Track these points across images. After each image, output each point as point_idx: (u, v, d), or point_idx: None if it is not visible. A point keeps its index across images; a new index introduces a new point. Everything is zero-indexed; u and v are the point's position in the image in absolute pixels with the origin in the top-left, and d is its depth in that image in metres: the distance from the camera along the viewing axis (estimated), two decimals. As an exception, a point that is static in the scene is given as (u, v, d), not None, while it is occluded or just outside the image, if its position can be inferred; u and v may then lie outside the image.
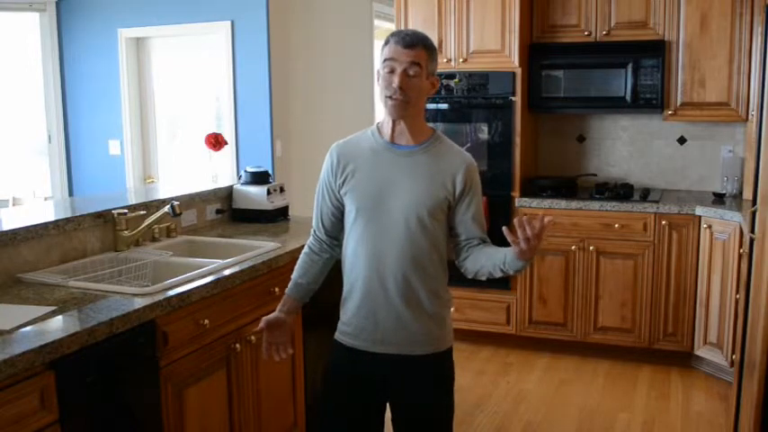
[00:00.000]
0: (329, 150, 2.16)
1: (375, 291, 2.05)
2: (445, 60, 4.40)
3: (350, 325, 2.12)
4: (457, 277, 2.21)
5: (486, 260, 2.10)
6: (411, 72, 1.99)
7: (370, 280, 2.06)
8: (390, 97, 2.00)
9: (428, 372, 2.11)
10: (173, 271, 2.59)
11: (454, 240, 2.16)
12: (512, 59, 4.26)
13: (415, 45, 2.00)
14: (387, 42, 2.04)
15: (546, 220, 1.89)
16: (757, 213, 2.54)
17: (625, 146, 4.73)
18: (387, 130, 2.09)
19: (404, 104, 2.01)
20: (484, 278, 2.15)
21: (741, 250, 3.57)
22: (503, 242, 2.06)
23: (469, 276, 2.16)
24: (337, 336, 2.16)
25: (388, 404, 2.17)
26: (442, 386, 2.14)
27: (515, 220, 1.93)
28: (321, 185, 2.19)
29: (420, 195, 2.03)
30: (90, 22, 5.49)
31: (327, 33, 5.65)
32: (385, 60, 2.02)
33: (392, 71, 1.99)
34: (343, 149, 2.13)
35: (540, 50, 4.40)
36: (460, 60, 4.37)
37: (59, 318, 2.05)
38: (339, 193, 2.12)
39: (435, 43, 2.19)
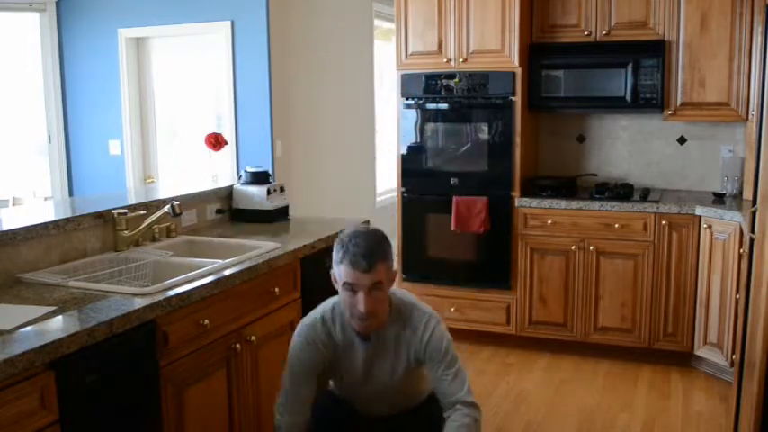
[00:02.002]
0: (305, 325, 2.24)
1: (366, 408, 2.34)
2: (445, 60, 4.40)
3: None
4: (456, 276, 2.26)
5: None
6: (375, 292, 2.04)
7: (360, 406, 2.35)
8: (357, 318, 2.08)
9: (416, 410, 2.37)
10: (173, 271, 2.59)
11: None
12: (512, 59, 4.26)
13: (374, 266, 2.01)
14: (341, 261, 2.04)
15: None
16: (757, 213, 2.53)
17: (625, 146, 4.73)
18: (354, 325, 2.17)
19: (373, 320, 2.10)
20: None
21: (741, 250, 3.57)
22: (503, 242, 2.09)
23: None
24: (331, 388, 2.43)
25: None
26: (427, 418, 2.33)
27: None
28: (297, 370, 2.23)
29: (394, 372, 2.22)
30: (90, 22, 5.49)
31: (327, 33, 5.65)
32: (344, 283, 2.05)
33: (354, 292, 2.04)
34: (321, 332, 2.21)
35: (540, 50, 4.40)
36: (460, 60, 4.37)
37: (59, 318, 2.05)
38: (317, 366, 2.23)
39: (435, 45, 2.21)
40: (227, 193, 3.62)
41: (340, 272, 2.06)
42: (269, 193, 3.57)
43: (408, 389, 2.32)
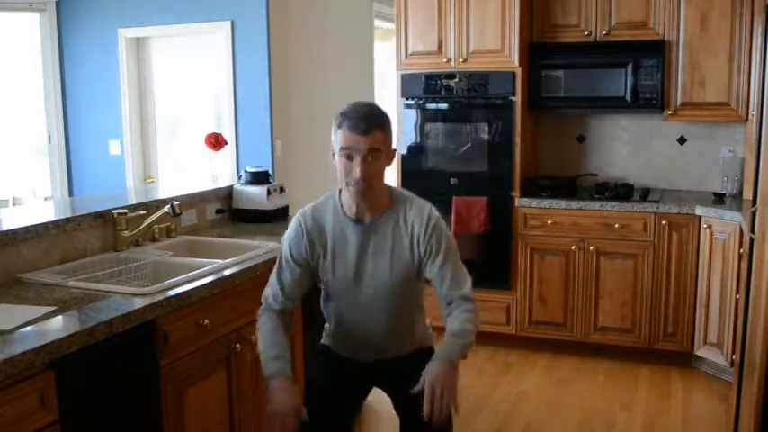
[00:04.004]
0: (297, 219, 2.19)
1: (363, 334, 2.22)
2: (445, 60, 4.40)
3: (337, 346, 2.31)
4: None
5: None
6: (370, 159, 1.99)
7: (355, 335, 2.24)
8: (353, 184, 2.02)
9: (413, 356, 2.27)
10: (173, 271, 2.59)
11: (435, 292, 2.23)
12: (512, 59, 4.26)
13: (372, 130, 1.98)
14: (340, 126, 2.00)
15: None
16: (757, 213, 2.53)
17: (625, 146, 4.73)
18: (350, 208, 2.12)
19: (367, 191, 2.04)
20: None
21: (741, 250, 3.57)
22: (503, 242, 2.09)
23: None
24: (324, 340, 2.35)
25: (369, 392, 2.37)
26: (427, 359, 2.24)
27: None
28: (286, 256, 2.18)
29: (391, 268, 2.13)
30: (90, 22, 5.49)
31: (327, 34, 5.65)
32: (342, 149, 2.00)
33: (350, 158, 1.99)
34: (312, 225, 2.16)
35: (540, 50, 4.40)
36: (460, 60, 4.37)
37: (59, 318, 2.05)
38: (310, 265, 2.17)
39: (435, 45, 2.21)
40: (227, 193, 3.62)
41: (338, 138, 2.01)
42: (269, 193, 3.57)
43: (404, 304, 2.19)
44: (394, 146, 2.13)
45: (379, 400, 2.57)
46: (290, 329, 2.24)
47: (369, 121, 1.98)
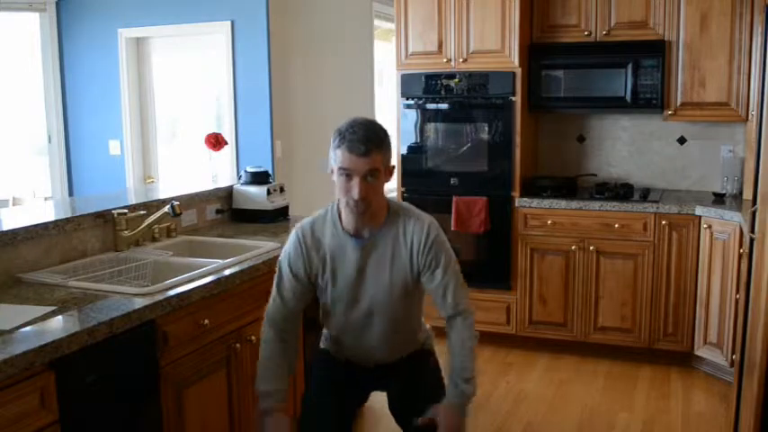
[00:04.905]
0: (295, 234, 2.18)
1: (363, 345, 2.23)
2: (445, 60, 4.40)
3: (338, 353, 2.31)
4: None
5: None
6: (369, 179, 1.99)
7: (355, 347, 2.25)
8: (351, 204, 2.01)
9: (413, 356, 2.31)
10: (173, 271, 2.59)
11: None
12: (512, 59, 4.26)
13: (370, 152, 1.97)
14: (338, 146, 1.99)
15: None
16: (757, 213, 2.53)
17: (625, 146, 4.73)
18: (349, 224, 2.11)
19: (366, 209, 2.03)
20: None
21: (741, 250, 3.57)
22: (503, 242, 2.09)
23: None
24: (323, 345, 2.36)
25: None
26: (426, 360, 2.31)
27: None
28: (286, 271, 2.18)
29: (391, 282, 2.13)
30: (90, 22, 5.49)
31: (327, 33, 5.65)
32: (340, 168, 1.99)
33: (349, 178, 1.99)
34: (311, 241, 2.15)
35: (540, 50, 4.40)
36: (460, 60, 4.37)
37: (59, 318, 2.05)
38: (309, 279, 2.17)
39: (435, 45, 2.21)
40: (227, 193, 3.62)
41: (336, 157, 2.00)
42: (269, 193, 3.57)
43: (404, 317, 2.20)
44: (393, 159, 2.13)
45: (379, 400, 2.57)
46: (293, 360, 2.25)
47: (367, 143, 1.97)
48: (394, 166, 2.15)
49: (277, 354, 2.16)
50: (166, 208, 2.89)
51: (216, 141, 3.83)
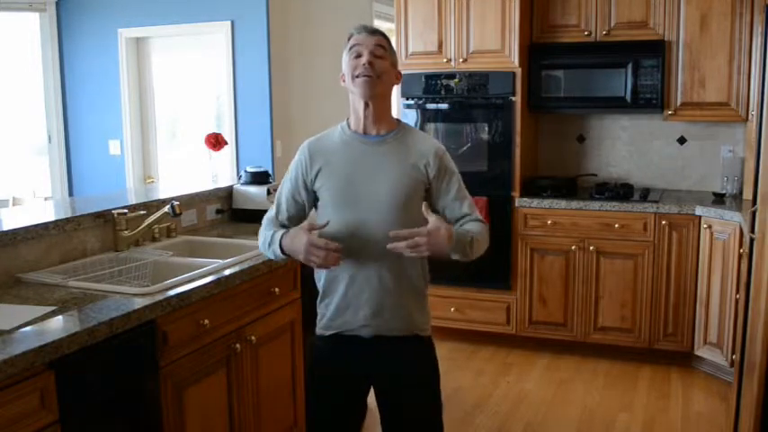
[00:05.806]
0: (301, 147, 2.18)
1: (360, 275, 2.08)
2: (445, 60, 4.40)
3: (333, 318, 2.14)
4: (456, 277, 2.24)
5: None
6: (378, 53, 2.05)
7: (353, 266, 2.08)
8: (360, 75, 2.04)
9: (410, 354, 2.15)
10: (173, 271, 2.59)
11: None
12: (512, 59, 4.26)
13: (378, 33, 2.09)
14: (349, 38, 2.10)
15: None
16: (757, 213, 2.53)
17: (625, 146, 4.73)
18: (357, 120, 2.13)
19: (375, 81, 2.04)
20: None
21: (741, 250, 3.57)
22: (503, 242, 2.08)
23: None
24: (318, 330, 2.19)
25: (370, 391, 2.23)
26: (425, 369, 2.18)
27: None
28: (289, 180, 2.20)
29: (395, 181, 2.06)
30: (90, 22, 5.49)
31: (327, 33, 5.65)
32: (351, 48, 2.07)
33: (359, 55, 2.05)
34: (315, 145, 2.16)
35: (540, 50, 4.40)
36: (460, 60, 4.37)
37: (59, 318, 2.05)
38: (311, 188, 2.14)
39: (435, 45, 2.23)
40: (227, 193, 3.62)
41: (346, 53, 2.09)
42: (269, 193, 3.57)
43: (398, 223, 2.01)
44: (398, 63, 2.16)
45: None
46: None
47: (376, 30, 2.10)
48: (400, 72, 2.19)
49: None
50: (166, 208, 2.89)
51: (216, 141, 3.82)
